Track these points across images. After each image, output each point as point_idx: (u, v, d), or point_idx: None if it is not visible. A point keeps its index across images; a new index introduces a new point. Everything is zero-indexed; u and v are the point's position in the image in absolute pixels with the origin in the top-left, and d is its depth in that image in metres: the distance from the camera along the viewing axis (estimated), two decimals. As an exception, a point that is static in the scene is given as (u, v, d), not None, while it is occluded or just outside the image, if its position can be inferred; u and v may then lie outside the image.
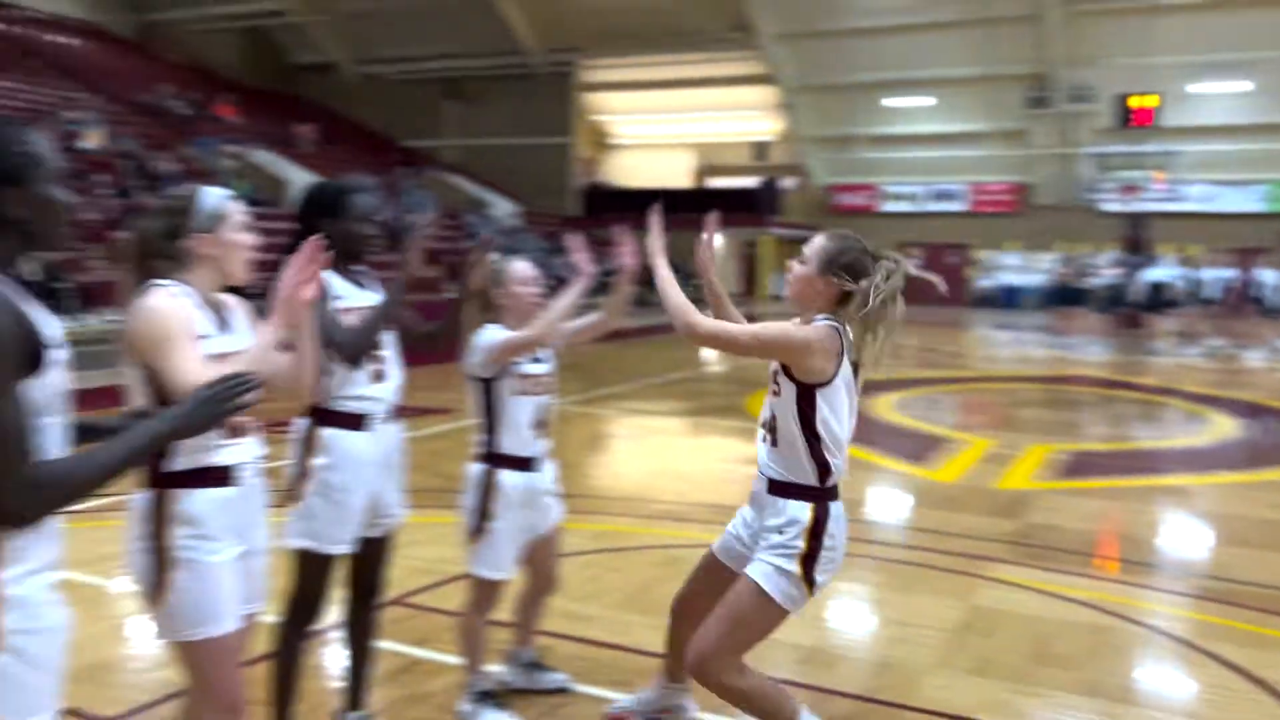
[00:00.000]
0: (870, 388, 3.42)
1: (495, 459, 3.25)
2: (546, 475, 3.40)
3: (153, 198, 2.52)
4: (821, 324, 2.76)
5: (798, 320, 2.89)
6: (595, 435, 8.97)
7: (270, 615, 2.76)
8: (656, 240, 3.00)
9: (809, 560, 2.76)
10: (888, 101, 30.72)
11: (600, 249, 3.43)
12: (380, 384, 2.96)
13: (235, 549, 2.33)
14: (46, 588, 1.70)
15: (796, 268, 2.86)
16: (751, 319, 3.13)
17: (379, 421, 2.97)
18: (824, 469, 2.77)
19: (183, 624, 2.26)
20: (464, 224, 25.59)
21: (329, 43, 33.54)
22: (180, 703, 2.33)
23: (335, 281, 2.90)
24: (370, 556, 3.10)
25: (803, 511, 2.77)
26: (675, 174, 36.11)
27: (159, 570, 2.25)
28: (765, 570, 2.77)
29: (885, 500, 6.98)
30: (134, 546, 2.28)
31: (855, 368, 2.80)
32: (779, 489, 2.82)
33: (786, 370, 2.77)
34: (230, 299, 2.42)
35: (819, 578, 2.78)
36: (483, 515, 3.24)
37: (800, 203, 32.89)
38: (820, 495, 2.79)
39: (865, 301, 2.71)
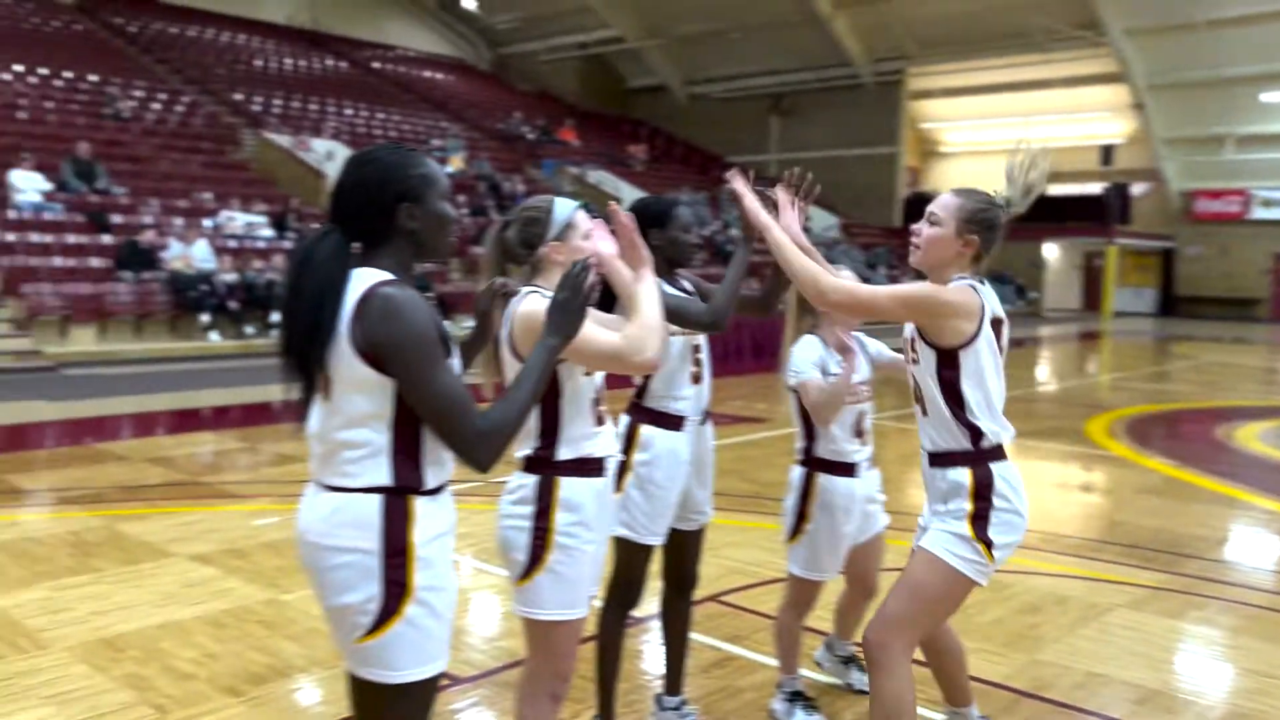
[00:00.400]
0: (1233, 415, 3.11)
1: (815, 463, 3.31)
2: (869, 482, 3.41)
3: (505, 214, 2.78)
4: (961, 284, 2.64)
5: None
6: (912, 453, 8.73)
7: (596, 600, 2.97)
8: (753, 201, 2.84)
9: (979, 520, 2.63)
10: (1265, 97, 27.36)
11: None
12: (697, 386, 3.11)
13: (600, 538, 2.52)
14: (447, 550, 1.97)
15: (928, 229, 2.71)
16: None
17: (695, 422, 3.12)
18: (975, 432, 2.64)
19: (548, 603, 2.42)
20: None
21: (662, 66, 35.09)
22: (521, 670, 2.56)
23: (664, 287, 3.07)
24: (684, 549, 3.25)
25: (963, 476, 2.66)
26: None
27: (538, 551, 2.42)
28: (936, 536, 2.68)
29: (1248, 539, 6.26)
30: (514, 525, 2.45)
31: (996, 325, 2.66)
32: (937, 460, 2.72)
33: (923, 335, 2.66)
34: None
35: (995, 539, 2.63)
36: (801, 517, 3.31)
37: (1153, 210, 30.12)
38: (978, 458, 2.66)
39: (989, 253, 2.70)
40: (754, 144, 33.93)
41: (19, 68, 20.15)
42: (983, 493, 2.64)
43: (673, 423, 3.06)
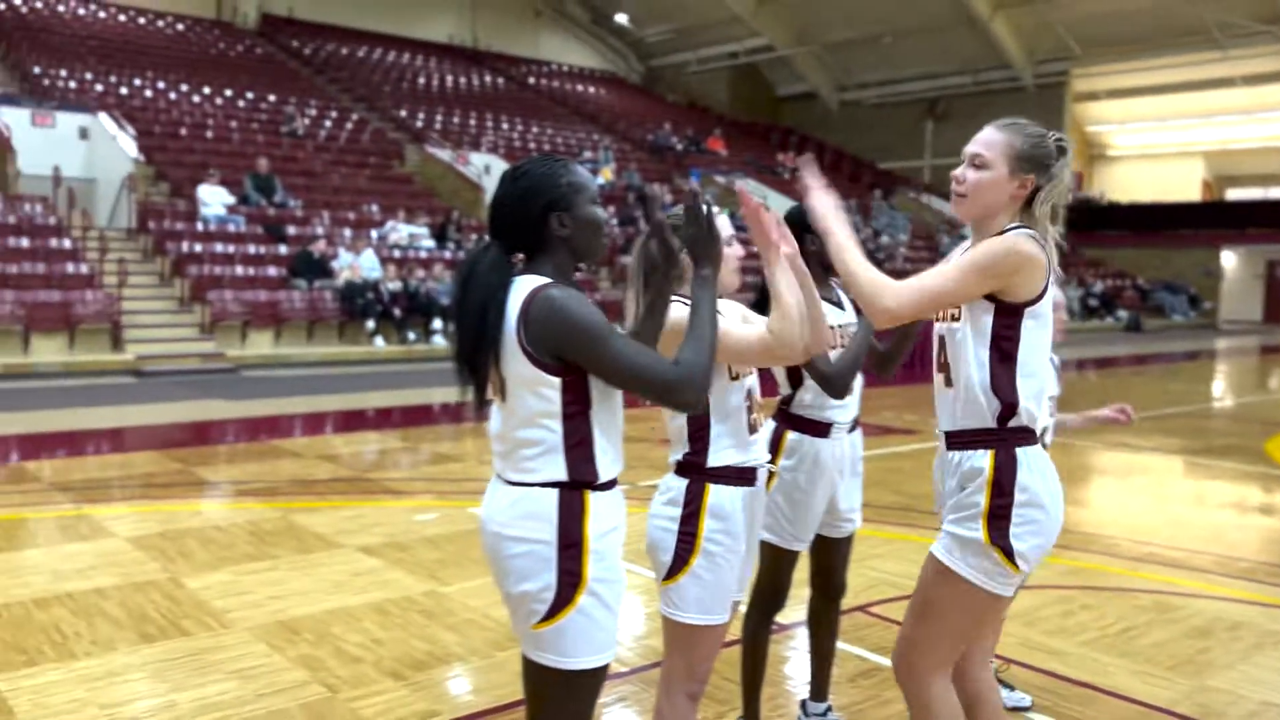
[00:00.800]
0: None
1: None
2: None
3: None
4: (1022, 233, 2.29)
5: (967, 244, 2.45)
6: (1075, 468, 8.39)
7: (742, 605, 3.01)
8: (820, 192, 2.37)
9: (997, 522, 2.25)
10: None
11: (1086, 268, 3.25)
12: (847, 394, 3.10)
13: (746, 546, 2.55)
14: (617, 545, 2.07)
15: (973, 174, 2.34)
16: None
17: (843, 429, 3.11)
18: (1008, 408, 2.28)
19: (690, 607, 2.47)
20: (938, 244, 25.15)
21: (812, 73, 34.82)
22: (661, 668, 2.63)
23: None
24: (832, 556, 3.25)
25: (982, 461, 2.28)
26: (1181, 186, 32.45)
27: (683, 554, 2.46)
28: (946, 541, 2.33)
29: None
30: (662, 526, 2.50)
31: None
32: (955, 441, 2.36)
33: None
34: (729, 304, 2.68)
35: (1017, 545, 2.25)
36: None
37: (1345, 215, 27.91)
38: (1003, 439, 2.29)
39: (1055, 198, 2.32)
40: (907, 150, 33.25)
41: (207, 90, 21.70)
42: (1003, 484, 2.27)
43: (820, 430, 3.07)
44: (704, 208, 2.13)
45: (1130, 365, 17.57)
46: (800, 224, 3.08)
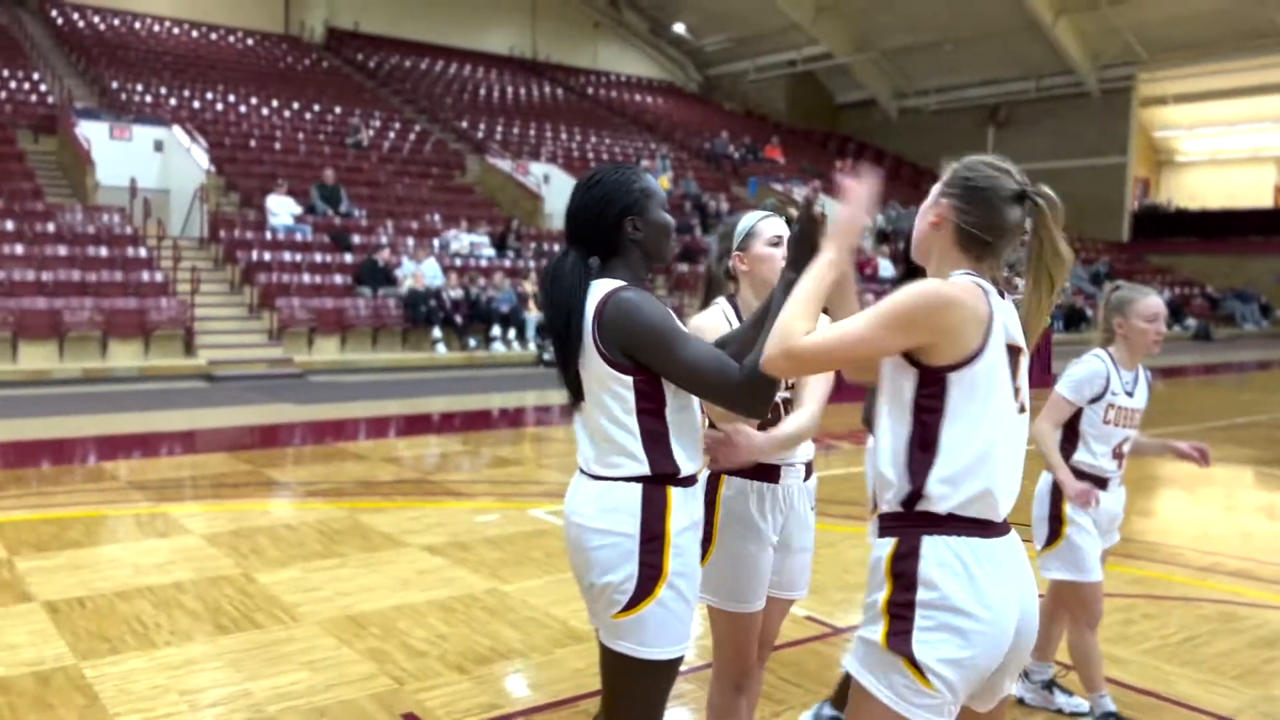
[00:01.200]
0: None
1: (1071, 472, 3.32)
2: (1117, 498, 3.42)
3: (708, 232, 2.88)
4: (963, 279, 1.85)
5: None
6: (1142, 477, 8.26)
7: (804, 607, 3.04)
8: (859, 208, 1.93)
9: (896, 622, 1.76)
10: None
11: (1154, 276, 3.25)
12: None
13: (772, 539, 2.60)
14: (696, 541, 2.15)
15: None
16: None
17: None
18: (914, 491, 1.82)
19: (714, 593, 2.57)
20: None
21: (871, 80, 34.61)
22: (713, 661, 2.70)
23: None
24: None
25: (882, 549, 1.84)
26: (1252, 191, 31.62)
27: (703, 543, 2.49)
28: (853, 646, 1.86)
29: None
30: None
31: (1014, 351, 1.85)
32: (881, 525, 1.91)
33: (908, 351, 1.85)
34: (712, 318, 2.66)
35: (922, 654, 1.73)
36: (1058, 520, 3.32)
37: None
38: (908, 526, 1.82)
39: (1027, 246, 1.88)
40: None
41: (275, 103, 22.25)
42: (902, 578, 1.79)
43: None
44: (811, 207, 2.09)
45: (1199, 374, 17.18)
46: (904, 235, 3.11)
